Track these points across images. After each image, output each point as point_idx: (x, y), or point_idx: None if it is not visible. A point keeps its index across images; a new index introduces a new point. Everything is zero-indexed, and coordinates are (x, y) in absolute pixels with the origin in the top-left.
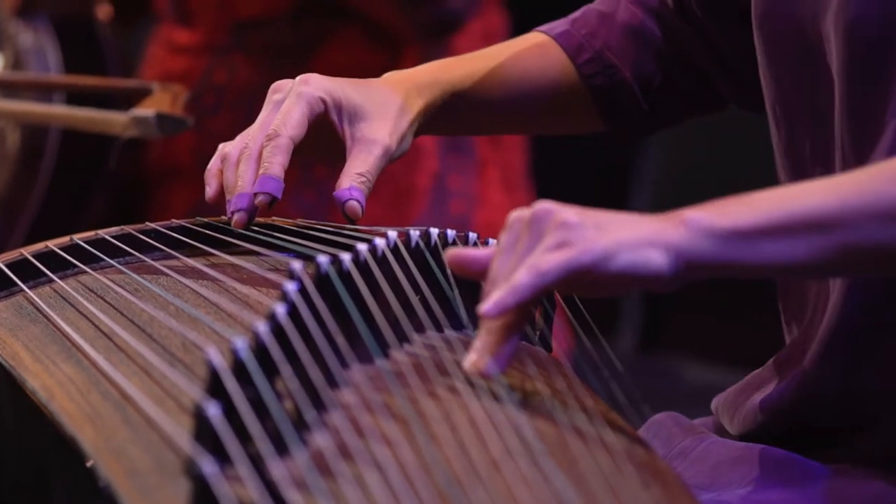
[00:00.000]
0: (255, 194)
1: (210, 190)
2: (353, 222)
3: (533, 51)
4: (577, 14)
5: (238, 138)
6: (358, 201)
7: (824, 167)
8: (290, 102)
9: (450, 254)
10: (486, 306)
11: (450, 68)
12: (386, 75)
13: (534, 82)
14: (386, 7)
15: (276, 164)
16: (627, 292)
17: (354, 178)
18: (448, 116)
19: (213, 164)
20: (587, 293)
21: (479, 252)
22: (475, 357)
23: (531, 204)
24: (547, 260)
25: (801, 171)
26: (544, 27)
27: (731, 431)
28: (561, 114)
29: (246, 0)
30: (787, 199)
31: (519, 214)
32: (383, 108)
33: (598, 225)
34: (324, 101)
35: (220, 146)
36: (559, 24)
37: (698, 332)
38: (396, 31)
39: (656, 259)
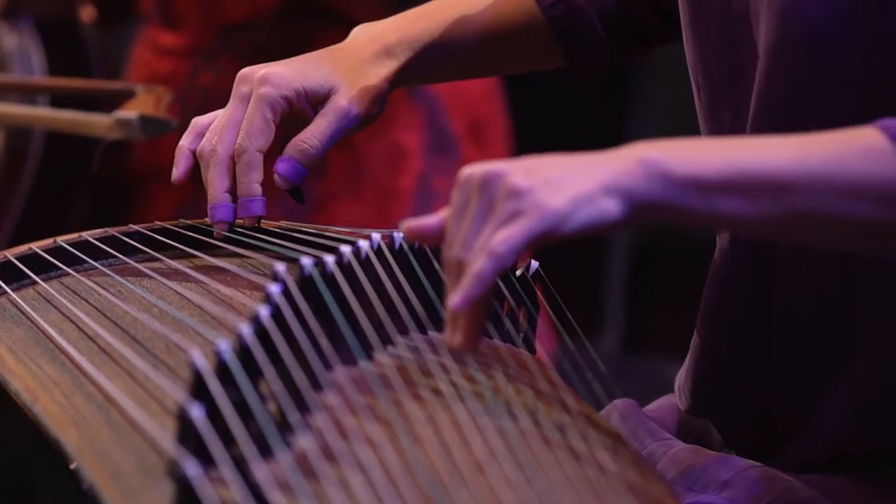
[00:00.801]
0: (244, 218)
1: (178, 171)
2: (293, 193)
3: None
4: None
5: (209, 131)
6: (280, 174)
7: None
8: (252, 108)
9: (405, 227)
10: (454, 301)
11: (418, 22)
12: (354, 34)
13: (502, 29)
14: (372, 10)
15: (252, 182)
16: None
17: (294, 146)
18: (419, 70)
19: (186, 141)
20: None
21: (431, 220)
22: (455, 338)
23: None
24: (503, 239)
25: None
26: None
27: (681, 407)
28: (527, 56)
29: (232, 3)
30: (751, 153)
31: (469, 174)
32: (346, 76)
33: (549, 183)
34: (286, 99)
35: (194, 121)
36: None
37: (682, 333)
38: None
39: (610, 209)
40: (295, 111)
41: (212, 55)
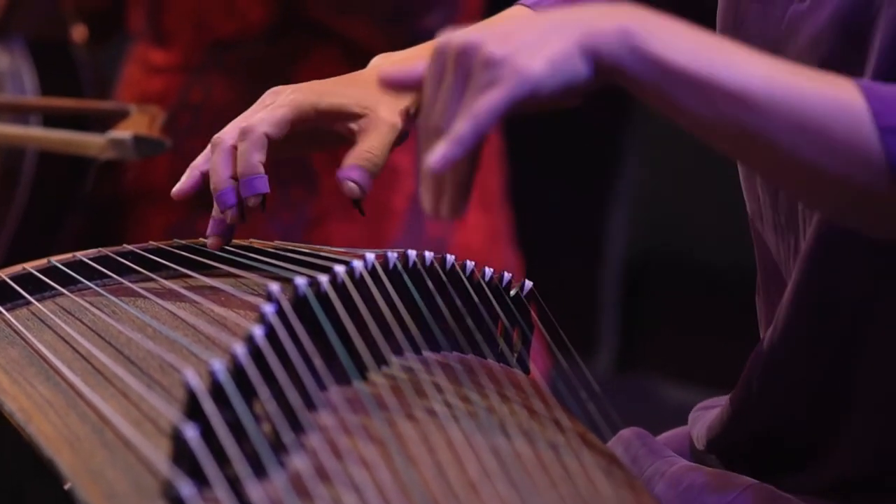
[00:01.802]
0: (247, 198)
1: (181, 186)
2: (356, 204)
3: None
4: None
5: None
6: (355, 181)
7: None
8: (277, 104)
9: (380, 74)
10: (432, 161)
11: None
12: (374, 63)
13: None
14: (363, 26)
15: (255, 160)
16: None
17: (359, 156)
18: None
19: (200, 160)
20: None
21: (409, 72)
22: (441, 207)
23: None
24: (483, 102)
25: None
26: (526, 0)
27: (697, 445)
28: None
29: (222, 20)
30: (726, 58)
31: (444, 45)
32: (380, 96)
33: (525, 47)
34: (316, 109)
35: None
36: None
37: (675, 353)
38: (374, 49)
39: (582, 69)
40: (322, 123)
41: (202, 72)
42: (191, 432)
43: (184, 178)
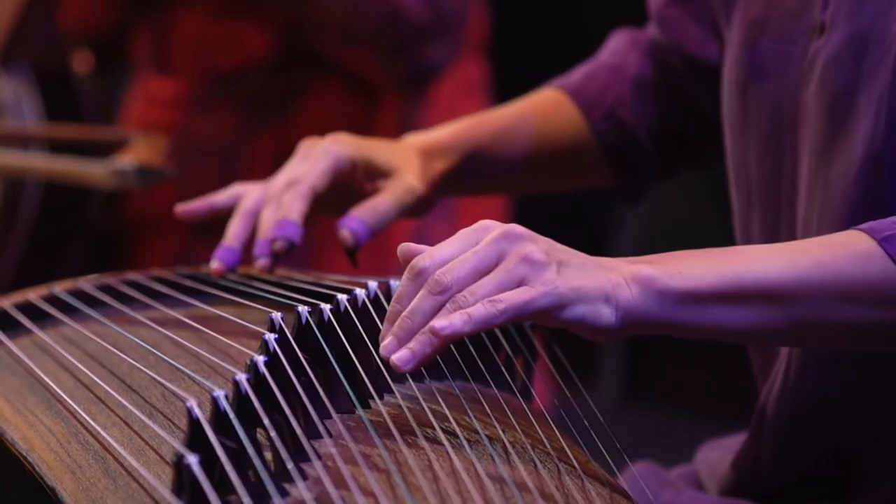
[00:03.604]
0: (273, 240)
1: (189, 206)
2: (350, 254)
3: (549, 110)
4: (588, 68)
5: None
6: (352, 231)
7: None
8: (319, 155)
9: (401, 249)
10: (439, 325)
11: (470, 130)
12: (406, 139)
13: (552, 143)
14: (365, 58)
15: (295, 209)
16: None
17: (364, 209)
18: (469, 178)
19: (219, 196)
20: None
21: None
22: (403, 352)
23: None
24: (507, 297)
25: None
26: (559, 81)
27: (710, 489)
28: (576, 172)
29: (225, 51)
30: (743, 262)
31: (490, 223)
32: (408, 161)
33: (561, 267)
34: (352, 160)
35: (235, 187)
36: (573, 80)
37: (680, 382)
38: (375, 81)
39: (607, 315)
40: (351, 179)
41: (205, 104)
42: (193, 461)
43: (194, 203)
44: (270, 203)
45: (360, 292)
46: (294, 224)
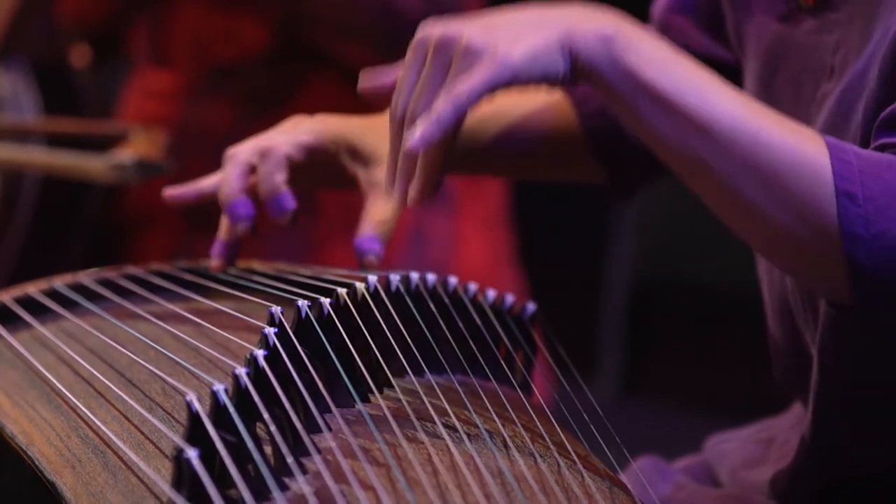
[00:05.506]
0: (276, 217)
1: (181, 190)
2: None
3: (539, 99)
4: None
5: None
6: (376, 254)
7: None
8: (300, 130)
9: (359, 89)
10: (411, 141)
11: None
12: None
13: (539, 132)
14: (362, 50)
15: (277, 180)
16: None
17: (375, 226)
18: (460, 159)
19: (209, 179)
20: None
21: (387, 78)
22: (412, 189)
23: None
24: (463, 85)
25: None
26: None
27: (725, 481)
28: (563, 163)
29: (223, 44)
30: (699, 86)
31: (425, 36)
32: None
33: (506, 37)
34: (335, 143)
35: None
36: None
37: (680, 376)
38: None
39: (561, 65)
40: (337, 159)
41: (203, 97)
42: (193, 455)
43: (182, 188)
44: (235, 162)
45: (359, 286)
46: (285, 196)
